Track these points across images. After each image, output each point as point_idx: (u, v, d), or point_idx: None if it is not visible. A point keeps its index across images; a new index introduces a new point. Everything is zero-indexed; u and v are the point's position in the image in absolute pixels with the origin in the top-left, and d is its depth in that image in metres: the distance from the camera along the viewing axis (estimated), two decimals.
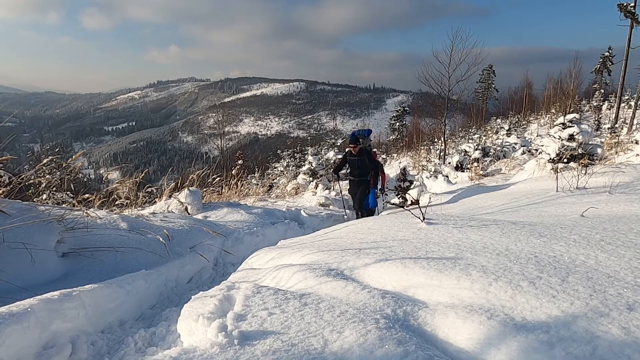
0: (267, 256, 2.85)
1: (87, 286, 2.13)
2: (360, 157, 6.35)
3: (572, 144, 6.28)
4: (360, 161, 6.37)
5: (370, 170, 6.42)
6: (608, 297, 1.32)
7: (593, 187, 4.39)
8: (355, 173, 6.48)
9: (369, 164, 6.38)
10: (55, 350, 1.75)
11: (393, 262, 1.92)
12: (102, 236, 3.22)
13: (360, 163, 6.38)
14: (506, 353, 1.14)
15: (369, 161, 6.39)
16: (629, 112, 19.50)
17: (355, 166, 6.43)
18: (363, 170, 6.41)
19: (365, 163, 6.35)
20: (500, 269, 1.64)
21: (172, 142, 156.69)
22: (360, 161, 6.37)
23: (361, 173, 6.44)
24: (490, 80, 39.86)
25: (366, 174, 6.42)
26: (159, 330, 2.08)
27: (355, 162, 6.40)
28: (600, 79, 32.43)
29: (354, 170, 6.49)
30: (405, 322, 1.41)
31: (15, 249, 2.48)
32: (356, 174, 6.47)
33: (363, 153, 6.37)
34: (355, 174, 6.51)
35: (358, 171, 6.43)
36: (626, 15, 14.78)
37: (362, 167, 6.39)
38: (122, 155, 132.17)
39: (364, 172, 6.43)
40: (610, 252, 1.75)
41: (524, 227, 2.33)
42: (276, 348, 1.27)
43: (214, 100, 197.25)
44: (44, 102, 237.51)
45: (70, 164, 4.88)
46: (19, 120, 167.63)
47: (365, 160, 6.35)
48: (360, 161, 6.37)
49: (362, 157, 6.36)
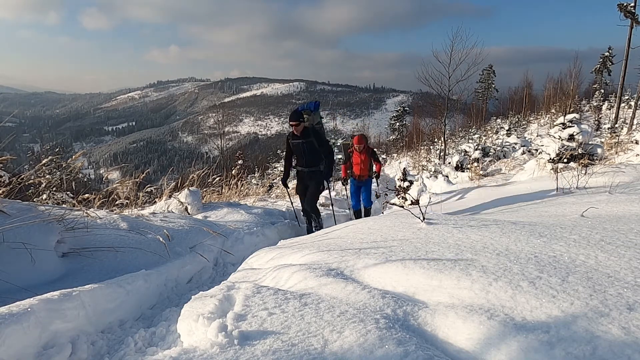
0: (267, 256, 2.85)
1: (87, 286, 2.13)
2: (306, 139, 4.82)
3: (572, 144, 6.28)
4: (306, 145, 4.83)
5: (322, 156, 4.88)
6: (608, 297, 1.32)
7: (593, 187, 4.40)
8: (302, 162, 4.94)
9: (320, 147, 4.84)
10: (55, 350, 1.75)
11: (393, 262, 1.92)
12: (102, 236, 3.22)
13: (307, 147, 4.84)
14: (506, 353, 1.14)
15: (320, 144, 4.85)
16: (629, 112, 19.50)
17: (301, 152, 4.89)
18: (312, 156, 4.86)
19: (313, 147, 4.82)
20: (500, 269, 1.64)
21: (172, 142, 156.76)
22: (306, 145, 4.83)
23: (310, 161, 4.89)
24: (490, 80, 39.89)
25: (317, 162, 4.87)
26: (159, 330, 2.08)
27: (300, 147, 4.87)
28: (600, 79, 32.45)
29: (300, 158, 4.96)
30: (405, 322, 1.41)
31: (15, 249, 2.48)
32: (303, 162, 4.93)
33: (310, 133, 4.84)
34: (302, 162, 4.96)
35: (305, 158, 4.90)
36: (626, 15, 14.79)
37: (310, 152, 4.85)
38: (122, 155, 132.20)
39: (314, 159, 4.86)
40: (610, 252, 1.75)
41: (524, 227, 2.33)
42: (276, 348, 1.27)
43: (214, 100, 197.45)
44: (44, 102, 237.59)
45: (70, 164, 4.88)
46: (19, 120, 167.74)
47: (313, 144, 4.81)
48: (306, 145, 4.83)
49: (308, 140, 4.82)
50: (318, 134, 4.88)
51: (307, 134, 4.81)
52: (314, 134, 4.82)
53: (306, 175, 4.97)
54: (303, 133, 4.79)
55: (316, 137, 4.81)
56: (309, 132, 4.82)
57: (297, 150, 4.90)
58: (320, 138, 4.85)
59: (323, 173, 4.94)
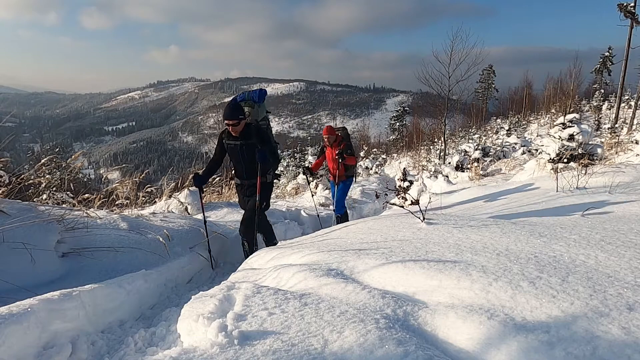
0: (267, 256, 2.85)
1: (87, 286, 2.14)
2: (247, 140, 3.54)
3: (572, 144, 6.28)
4: (246, 149, 3.56)
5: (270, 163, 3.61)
6: (608, 297, 1.32)
7: (593, 187, 4.40)
8: (242, 172, 3.70)
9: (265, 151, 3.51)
10: (55, 350, 1.75)
11: (393, 262, 1.92)
12: (102, 236, 3.22)
13: (248, 152, 3.56)
14: (506, 353, 1.14)
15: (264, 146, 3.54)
16: (629, 112, 19.50)
17: (239, 158, 3.64)
18: (254, 164, 3.54)
19: (254, 150, 3.52)
20: (500, 269, 1.64)
21: (172, 142, 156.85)
22: (246, 149, 3.56)
23: (251, 170, 3.61)
24: (490, 80, 39.92)
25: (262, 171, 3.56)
26: (159, 330, 2.09)
27: (237, 152, 3.61)
28: (600, 79, 32.47)
29: (239, 167, 3.71)
30: (405, 322, 1.41)
31: (15, 249, 2.48)
32: (243, 172, 3.70)
33: (252, 134, 3.54)
34: (240, 172, 3.73)
35: (245, 167, 3.65)
36: (626, 15, 14.78)
37: (251, 159, 3.55)
38: (122, 155, 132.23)
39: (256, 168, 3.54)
40: (610, 252, 1.75)
41: (524, 227, 2.33)
42: (276, 348, 1.27)
43: (214, 100, 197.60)
44: (44, 102, 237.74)
45: (70, 164, 4.89)
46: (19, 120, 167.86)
47: (255, 147, 3.51)
48: (246, 149, 3.56)
49: (249, 142, 3.54)
50: (262, 133, 3.60)
51: (248, 134, 3.54)
52: (257, 134, 3.55)
53: (246, 189, 3.74)
54: (243, 133, 3.54)
55: (259, 137, 3.55)
56: (250, 131, 3.54)
57: (234, 154, 3.64)
58: (264, 138, 3.58)
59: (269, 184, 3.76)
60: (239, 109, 3.55)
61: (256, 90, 3.99)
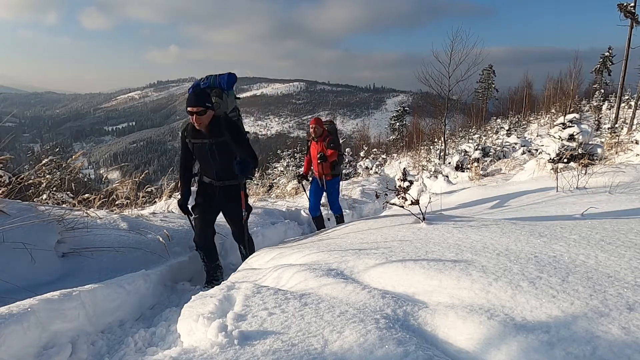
0: (267, 256, 2.85)
1: (87, 286, 2.14)
2: (216, 138, 2.96)
3: (572, 144, 6.28)
4: (216, 147, 2.99)
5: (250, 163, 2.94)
6: (608, 297, 1.32)
7: (593, 187, 4.40)
8: (211, 172, 3.12)
9: (239, 149, 3.00)
10: (55, 350, 1.75)
11: (393, 262, 1.92)
12: (102, 236, 3.22)
13: (219, 150, 3.00)
14: (506, 353, 1.14)
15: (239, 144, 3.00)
16: (629, 112, 19.50)
17: (207, 158, 3.06)
18: (227, 164, 3.03)
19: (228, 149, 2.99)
20: (501, 269, 1.64)
21: (172, 142, 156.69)
22: (216, 147, 2.99)
23: (223, 171, 3.08)
24: (490, 80, 39.94)
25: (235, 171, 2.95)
26: (159, 330, 2.09)
27: (205, 150, 3.02)
28: (600, 79, 32.49)
29: (207, 167, 3.13)
30: (405, 322, 1.41)
31: (15, 249, 2.48)
32: (212, 172, 3.11)
33: (222, 128, 2.96)
34: (210, 172, 3.13)
35: (216, 168, 3.08)
36: (626, 15, 14.78)
37: (223, 158, 3.03)
38: (122, 155, 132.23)
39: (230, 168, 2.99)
40: (610, 252, 1.75)
41: (524, 227, 2.33)
42: (276, 348, 1.27)
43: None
44: (44, 102, 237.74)
45: (70, 164, 4.89)
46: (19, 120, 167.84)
47: (227, 145, 2.98)
48: (216, 147, 2.99)
49: (220, 139, 2.96)
50: (234, 127, 3.02)
51: (217, 130, 2.94)
52: (229, 129, 2.97)
53: (219, 191, 3.13)
54: (211, 128, 2.94)
55: (232, 133, 2.97)
56: (220, 126, 2.95)
57: (202, 155, 3.06)
58: (238, 135, 3.02)
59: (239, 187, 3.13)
60: (206, 96, 2.94)
61: (224, 75, 3.21)
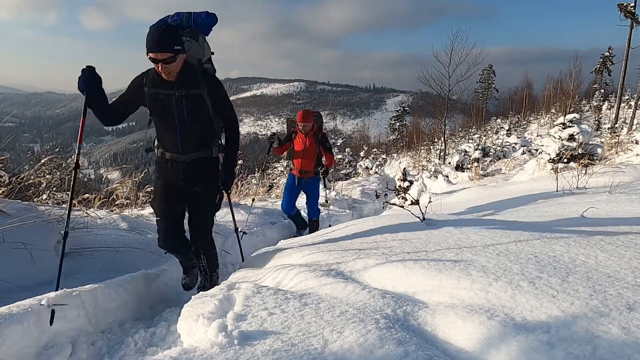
0: (267, 256, 2.85)
1: (87, 286, 2.14)
2: (188, 90, 2.23)
3: (572, 144, 6.28)
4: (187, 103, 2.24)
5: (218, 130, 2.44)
6: (608, 297, 1.32)
7: (593, 187, 4.40)
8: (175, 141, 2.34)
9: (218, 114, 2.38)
10: (55, 350, 1.75)
11: (393, 262, 1.92)
12: (102, 236, 3.22)
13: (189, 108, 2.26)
14: (506, 353, 1.14)
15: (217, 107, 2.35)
16: (629, 112, 19.50)
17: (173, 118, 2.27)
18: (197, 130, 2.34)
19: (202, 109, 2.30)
20: (501, 269, 1.64)
21: None
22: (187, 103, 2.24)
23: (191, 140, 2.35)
24: (490, 80, 39.93)
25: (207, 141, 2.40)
26: (159, 330, 2.09)
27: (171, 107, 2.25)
28: (600, 79, 32.48)
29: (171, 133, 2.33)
30: (405, 322, 1.41)
31: (15, 249, 2.48)
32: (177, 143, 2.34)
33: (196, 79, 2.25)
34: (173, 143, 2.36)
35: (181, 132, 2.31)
36: (626, 15, 14.78)
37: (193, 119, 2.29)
38: (122, 155, 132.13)
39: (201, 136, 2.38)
40: (610, 252, 1.75)
41: (524, 227, 2.33)
42: (276, 348, 1.27)
43: None
44: (44, 102, 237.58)
45: (70, 164, 4.88)
46: (19, 120, 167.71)
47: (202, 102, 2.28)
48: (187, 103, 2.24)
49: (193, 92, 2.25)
50: (213, 79, 2.38)
51: (191, 79, 2.24)
52: (207, 81, 2.30)
53: (183, 170, 2.38)
54: (182, 76, 2.21)
55: (211, 86, 2.31)
56: (195, 76, 2.26)
57: (163, 112, 2.29)
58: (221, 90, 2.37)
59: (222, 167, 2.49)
60: (175, 36, 2.11)
61: (201, 13, 2.40)
